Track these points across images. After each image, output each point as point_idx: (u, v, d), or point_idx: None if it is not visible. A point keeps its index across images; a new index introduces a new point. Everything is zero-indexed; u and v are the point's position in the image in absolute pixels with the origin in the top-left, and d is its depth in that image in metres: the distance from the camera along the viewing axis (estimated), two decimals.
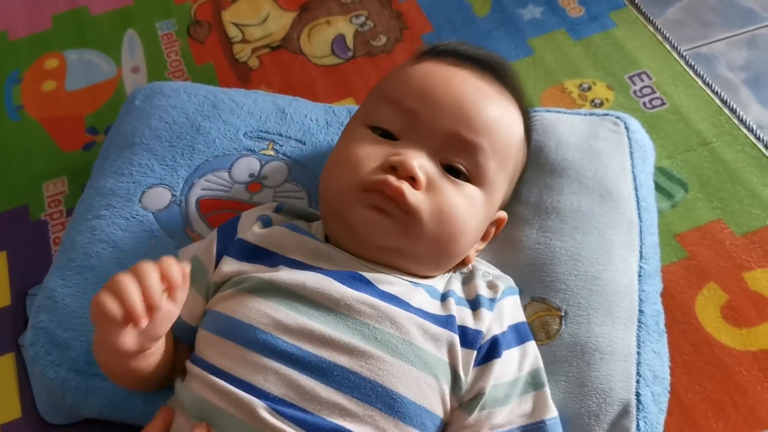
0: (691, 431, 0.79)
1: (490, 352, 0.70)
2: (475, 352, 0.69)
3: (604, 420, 0.71)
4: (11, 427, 0.85)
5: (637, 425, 0.71)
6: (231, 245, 0.75)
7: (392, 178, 0.70)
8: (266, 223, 0.78)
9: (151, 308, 0.61)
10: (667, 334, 0.81)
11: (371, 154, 0.72)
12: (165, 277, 0.62)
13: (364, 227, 0.71)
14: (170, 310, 0.64)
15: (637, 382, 0.73)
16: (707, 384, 0.82)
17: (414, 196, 0.70)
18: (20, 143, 1.13)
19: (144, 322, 0.61)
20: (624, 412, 0.71)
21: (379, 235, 0.71)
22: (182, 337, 0.74)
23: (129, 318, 0.60)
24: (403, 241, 0.71)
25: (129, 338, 0.62)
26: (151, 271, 0.61)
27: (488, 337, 0.70)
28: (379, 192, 0.70)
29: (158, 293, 0.61)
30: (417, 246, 0.72)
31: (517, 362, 0.71)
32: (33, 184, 1.07)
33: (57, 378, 0.78)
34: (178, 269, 0.63)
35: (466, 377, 0.68)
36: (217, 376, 0.66)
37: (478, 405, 0.67)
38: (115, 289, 0.60)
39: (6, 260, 0.99)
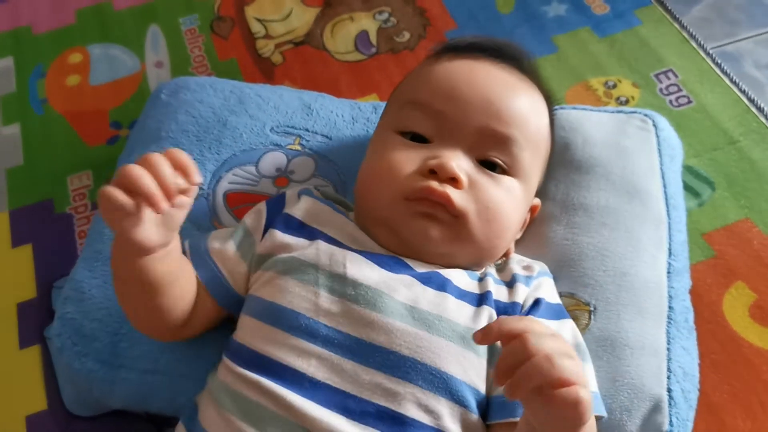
0: (719, 430, 0.79)
1: (528, 312, 0.70)
2: None
3: (637, 415, 0.71)
4: (36, 419, 0.85)
5: (670, 421, 0.71)
6: (278, 218, 0.76)
7: (435, 184, 0.70)
8: (307, 193, 0.79)
9: (168, 193, 0.59)
10: (695, 333, 0.80)
11: (407, 160, 0.73)
12: (176, 164, 0.60)
13: (416, 238, 0.71)
14: (184, 200, 0.62)
15: (668, 378, 0.73)
16: (735, 383, 0.82)
17: (460, 199, 0.70)
18: (45, 137, 1.13)
19: (164, 205, 0.59)
20: (656, 408, 0.71)
21: (433, 244, 0.71)
22: (217, 294, 0.74)
23: (149, 202, 0.58)
24: (455, 246, 0.72)
25: (149, 229, 0.60)
26: (160, 158, 0.59)
27: (528, 304, 0.71)
28: (425, 199, 0.70)
29: (171, 177, 0.59)
30: (466, 248, 0.72)
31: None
32: (58, 177, 1.07)
33: (83, 368, 0.79)
34: (186, 155, 0.61)
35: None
36: (260, 364, 0.66)
37: None
38: (126, 180, 0.58)
39: (31, 253, 1.00)
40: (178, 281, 0.70)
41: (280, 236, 0.74)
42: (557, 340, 0.55)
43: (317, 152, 0.93)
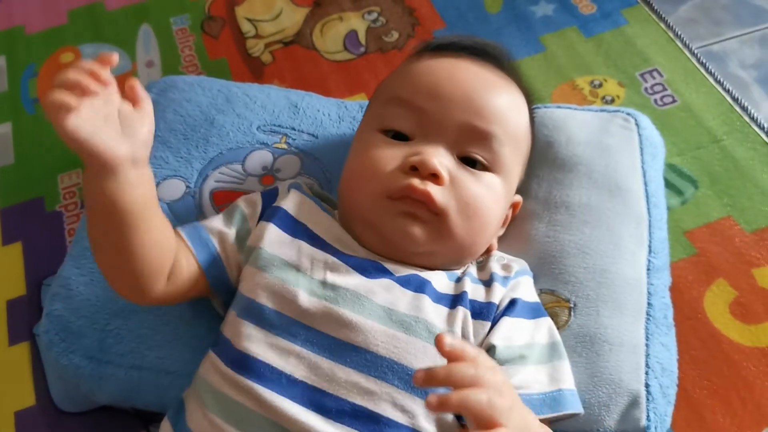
0: (699, 426, 0.80)
1: (503, 313, 0.71)
2: (489, 324, 0.70)
3: (615, 410, 0.71)
4: (25, 415, 0.86)
5: (647, 416, 0.72)
6: (269, 210, 0.76)
7: (416, 181, 0.71)
8: (297, 187, 0.80)
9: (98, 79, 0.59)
10: (676, 330, 0.81)
11: (389, 158, 0.73)
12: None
13: (398, 238, 0.72)
14: (143, 113, 0.63)
15: (646, 373, 0.74)
16: (715, 379, 0.83)
17: (441, 196, 0.71)
18: (36, 136, 1.14)
19: (93, 86, 0.59)
20: (634, 403, 0.72)
21: (415, 243, 0.72)
22: (210, 273, 0.74)
23: (84, 90, 0.58)
24: (436, 244, 0.72)
25: (88, 121, 0.58)
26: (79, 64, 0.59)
27: (503, 304, 0.72)
28: (407, 198, 0.71)
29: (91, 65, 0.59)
30: (447, 246, 0.73)
31: (530, 331, 0.71)
32: (48, 176, 1.08)
33: (71, 365, 0.80)
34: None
35: (479, 346, 0.69)
36: (241, 362, 0.67)
37: (493, 359, 0.67)
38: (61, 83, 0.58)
39: (21, 250, 1.00)
40: (152, 221, 0.67)
41: (267, 227, 0.74)
42: (496, 373, 0.59)
43: (303, 151, 0.94)
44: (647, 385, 0.73)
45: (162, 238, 0.70)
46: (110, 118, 0.61)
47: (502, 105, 0.76)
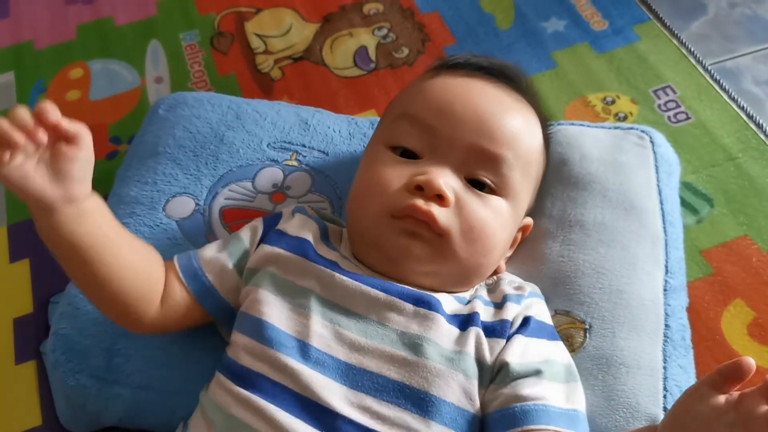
0: None
1: (517, 330, 0.70)
2: (503, 341, 0.69)
3: None
4: None
5: None
6: (271, 233, 0.76)
7: (420, 202, 0.70)
8: (301, 210, 0.79)
9: (31, 136, 0.60)
10: (693, 351, 0.80)
11: (395, 176, 0.72)
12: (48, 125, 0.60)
13: (399, 256, 0.71)
14: (67, 150, 0.61)
15: (664, 397, 0.72)
16: None
17: (444, 217, 0.70)
18: None
19: (18, 138, 0.59)
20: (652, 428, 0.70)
21: (415, 262, 0.71)
22: (204, 302, 0.74)
23: (9, 145, 0.59)
24: (438, 264, 0.71)
25: (21, 170, 0.60)
26: (19, 110, 0.60)
27: (517, 322, 0.70)
28: (410, 217, 0.70)
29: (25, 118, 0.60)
30: (450, 266, 0.72)
31: (547, 349, 0.70)
32: None
33: (77, 385, 0.79)
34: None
35: (493, 364, 0.67)
36: (251, 380, 0.66)
37: (508, 376, 0.66)
38: None
39: (29, 268, 0.99)
40: (117, 249, 0.68)
41: (269, 249, 0.74)
42: None
43: (314, 168, 0.93)
44: (665, 409, 0.72)
45: (139, 263, 0.70)
46: (40, 162, 0.61)
47: (514, 128, 0.75)
